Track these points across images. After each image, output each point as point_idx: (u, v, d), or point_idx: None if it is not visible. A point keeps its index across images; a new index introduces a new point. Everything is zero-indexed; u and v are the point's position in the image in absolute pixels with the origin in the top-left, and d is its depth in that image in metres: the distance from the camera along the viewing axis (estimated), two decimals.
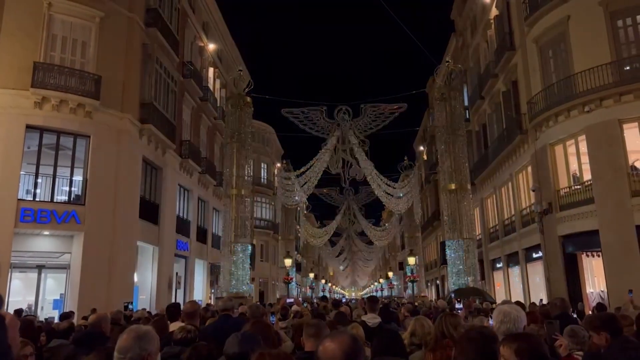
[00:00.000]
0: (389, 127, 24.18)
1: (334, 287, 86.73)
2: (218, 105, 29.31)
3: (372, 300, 6.63)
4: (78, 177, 17.11)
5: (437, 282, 40.31)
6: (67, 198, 16.93)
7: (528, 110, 19.61)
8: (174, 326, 5.37)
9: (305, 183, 26.34)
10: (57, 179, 16.76)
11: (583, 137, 17.14)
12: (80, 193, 16.95)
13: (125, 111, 17.92)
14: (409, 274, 32.38)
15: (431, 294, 41.44)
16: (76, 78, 16.72)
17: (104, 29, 17.73)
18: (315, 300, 24.71)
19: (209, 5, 28.64)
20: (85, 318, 11.41)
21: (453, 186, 18.82)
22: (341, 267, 72.07)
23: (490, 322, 6.82)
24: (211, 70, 29.14)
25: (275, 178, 38.20)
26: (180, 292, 22.67)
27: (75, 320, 12.04)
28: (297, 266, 44.79)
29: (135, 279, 18.96)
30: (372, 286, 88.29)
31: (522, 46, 20.68)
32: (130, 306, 16.55)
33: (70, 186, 17.01)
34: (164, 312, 7.87)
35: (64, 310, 14.49)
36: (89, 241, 16.31)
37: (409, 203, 29.84)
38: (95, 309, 12.91)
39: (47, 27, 16.74)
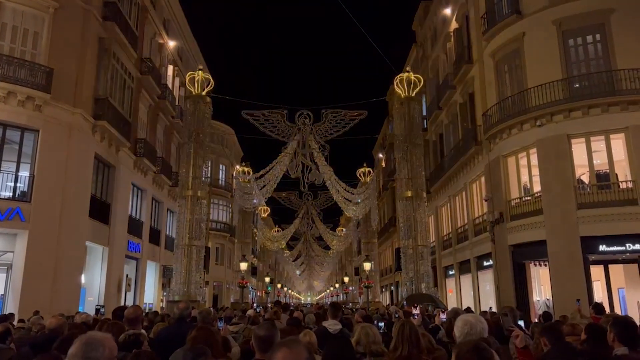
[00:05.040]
0: (349, 134, 24.35)
1: (290, 291, 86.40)
2: (177, 104, 28.73)
3: (334, 306, 6.61)
4: (24, 173, 16.35)
5: (392, 288, 40.80)
6: (11, 194, 16.13)
7: (483, 122, 20.17)
8: None
9: (264, 186, 26.13)
10: (1, 174, 15.96)
11: (534, 150, 17.76)
12: (26, 189, 16.20)
13: (78, 106, 17.28)
14: (364, 279, 32.60)
15: (386, 300, 41.92)
16: (26, 69, 16.01)
17: (58, 20, 17.07)
18: (268, 305, 24.48)
19: (171, 2, 28.09)
20: (22, 321, 10.88)
21: (409, 194, 19.11)
22: (298, 272, 71.94)
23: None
24: (171, 68, 28.56)
25: (234, 180, 37.73)
26: (130, 295, 22.01)
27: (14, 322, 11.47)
28: (253, 270, 44.35)
29: (83, 280, 18.27)
30: (328, 291, 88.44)
31: (479, 60, 21.28)
32: (102, 310, 15.87)
33: (16, 182, 16.24)
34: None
35: (4, 312, 13.79)
36: (34, 240, 15.60)
37: (366, 209, 30.11)
38: (38, 311, 12.36)
39: None
